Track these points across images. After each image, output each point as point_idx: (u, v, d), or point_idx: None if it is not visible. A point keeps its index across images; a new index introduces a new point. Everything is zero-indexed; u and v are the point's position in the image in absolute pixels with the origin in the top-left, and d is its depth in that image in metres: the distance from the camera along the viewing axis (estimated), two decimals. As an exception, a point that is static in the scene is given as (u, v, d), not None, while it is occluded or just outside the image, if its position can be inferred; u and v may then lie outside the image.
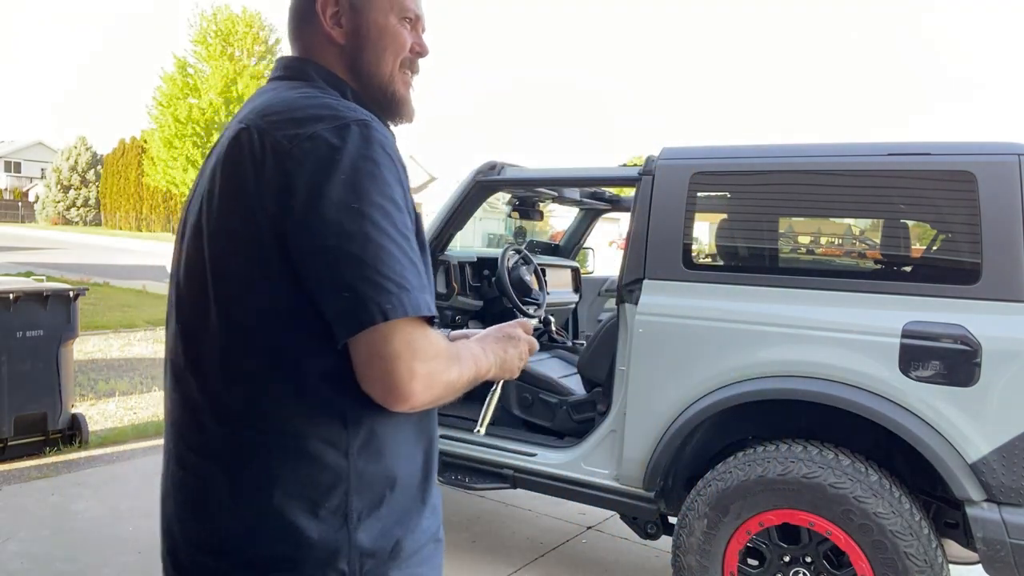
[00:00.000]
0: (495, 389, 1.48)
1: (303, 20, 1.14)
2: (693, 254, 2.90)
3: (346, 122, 0.96)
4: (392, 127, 1.17)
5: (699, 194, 2.91)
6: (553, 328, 4.27)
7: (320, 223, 0.91)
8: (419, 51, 1.18)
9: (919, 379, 2.37)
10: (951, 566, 2.51)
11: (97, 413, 5.94)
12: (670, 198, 2.88)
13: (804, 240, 3.06)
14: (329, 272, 0.91)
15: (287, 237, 0.93)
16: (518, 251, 4.02)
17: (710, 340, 2.71)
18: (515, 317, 2.84)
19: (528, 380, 3.64)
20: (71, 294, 4.88)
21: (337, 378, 0.96)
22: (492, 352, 1.16)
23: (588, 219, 5.14)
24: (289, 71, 1.13)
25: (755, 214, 2.93)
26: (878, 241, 2.83)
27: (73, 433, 5.02)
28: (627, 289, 2.93)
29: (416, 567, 1.05)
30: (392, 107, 1.17)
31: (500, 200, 5.24)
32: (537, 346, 1.31)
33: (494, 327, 1.25)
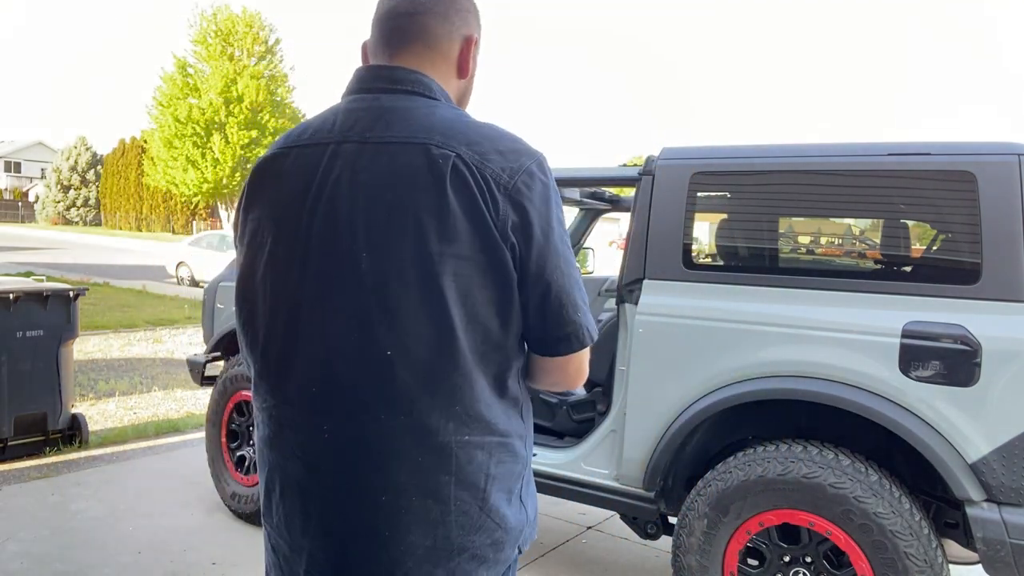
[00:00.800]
0: None
1: (435, 50, 1.20)
2: (693, 254, 2.90)
3: (539, 157, 1.13)
4: None
5: (699, 194, 2.91)
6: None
7: (555, 256, 1.11)
8: None
9: (919, 379, 2.37)
10: (951, 566, 2.51)
11: (97, 413, 5.94)
12: (670, 198, 2.88)
13: (804, 240, 3.06)
14: (557, 303, 1.11)
15: (527, 267, 1.09)
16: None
17: (710, 340, 2.71)
18: None
19: (528, 380, 3.64)
20: (71, 294, 4.88)
21: (520, 378, 1.18)
22: None
23: (588, 219, 5.14)
24: (421, 87, 1.17)
25: (755, 214, 2.93)
26: (878, 241, 2.83)
27: (73, 433, 5.02)
28: (627, 289, 2.93)
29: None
30: None
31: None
32: None
33: None
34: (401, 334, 1.06)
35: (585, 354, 1.19)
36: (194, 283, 17.66)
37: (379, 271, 1.06)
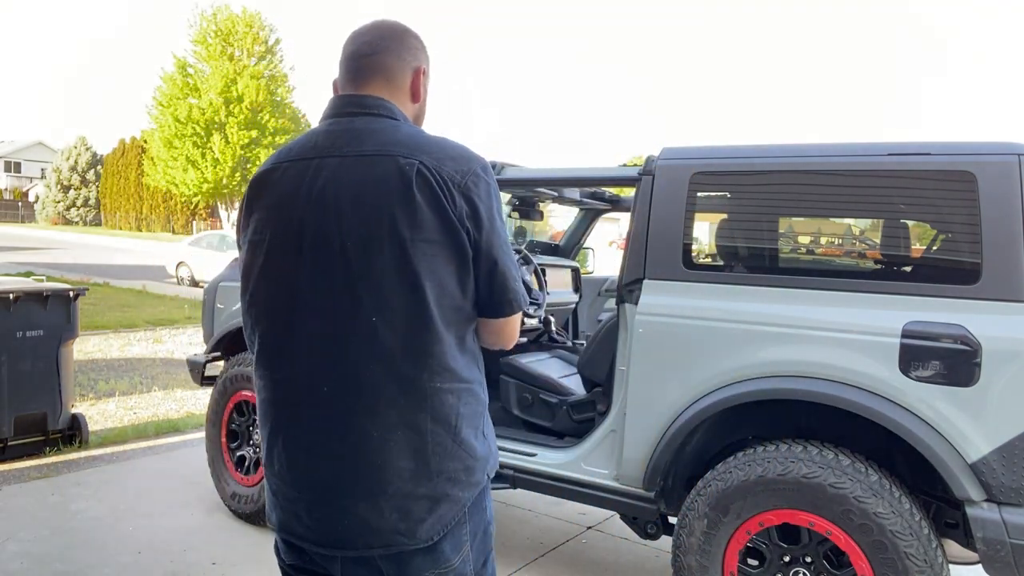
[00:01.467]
0: None
1: (392, 82, 1.49)
2: (693, 254, 2.89)
3: (483, 161, 1.41)
4: None
5: (699, 194, 2.91)
6: (553, 328, 4.27)
7: (498, 239, 1.39)
8: None
9: (919, 379, 2.37)
10: (951, 566, 2.51)
11: (97, 413, 5.94)
12: (670, 198, 2.88)
13: (804, 240, 3.06)
14: (501, 275, 1.40)
15: (478, 247, 1.36)
16: (518, 251, 4.02)
17: (710, 340, 2.71)
18: None
19: (528, 380, 3.64)
20: (71, 294, 4.88)
21: (474, 337, 1.46)
22: None
23: (588, 219, 5.14)
24: (385, 111, 1.45)
25: (755, 214, 2.92)
26: (878, 241, 2.82)
27: (73, 433, 5.02)
28: (627, 289, 2.93)
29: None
30: None
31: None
32: None
33: None
34: (383, 303, 1.32)
35: (517, 317, 1.48)
36: (194, 283, 17.66)
37: (363, 255, 1.32)
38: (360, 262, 1.32)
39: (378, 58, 1.47)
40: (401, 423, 1.34)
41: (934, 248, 2.68)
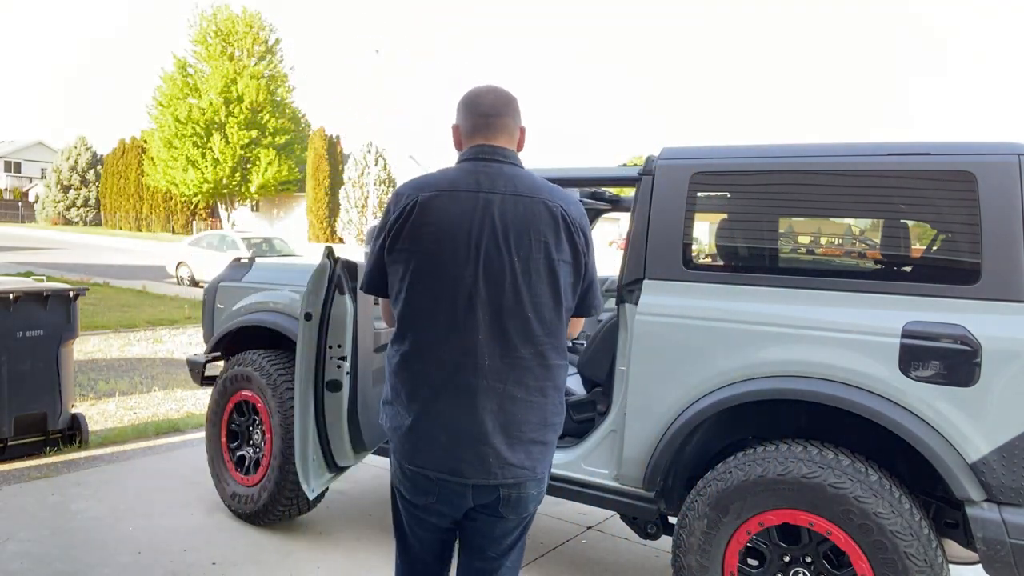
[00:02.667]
0: None
1: (512, 136, 2.00)
2: (693, 254, 2.90)
3: (581, 204, 1.98)
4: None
5: (699, 194, 2.91)
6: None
7: (594, 261, 1.98)
8: None
9: (919, 379, 2.37)
10: (951, 566, 2.51)
11: (97, 413, 5.95)
12: (670, 198, 2.88)
13: (804, 240, 3.06)
14: (594, 288, 1.99)
15: (588, 266, 1.94)
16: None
17: (710, 340, 2.71)
18: None
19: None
20: (71, 294, 4.88)
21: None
22: None
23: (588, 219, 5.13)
24: (516, 160, 1.98)
25: (755, 214, 2.92)
26: (878, 241, 2.83)
27: (73, 433, 5.02)
28: (627, 289, 2.93)
29: None
30: None
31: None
32: None
33: None
34: (536, 302, 1.84)
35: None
36: (194, 283, 17.66)
37: (524, 268, 1.83)
38: (522, 274, 1.82)
39: (503, 120, 1.97)
40: (537, 390, 1.87)
41: (934, 248, 2.68)
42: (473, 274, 1.82)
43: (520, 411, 1.85)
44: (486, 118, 1.96)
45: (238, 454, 3.98)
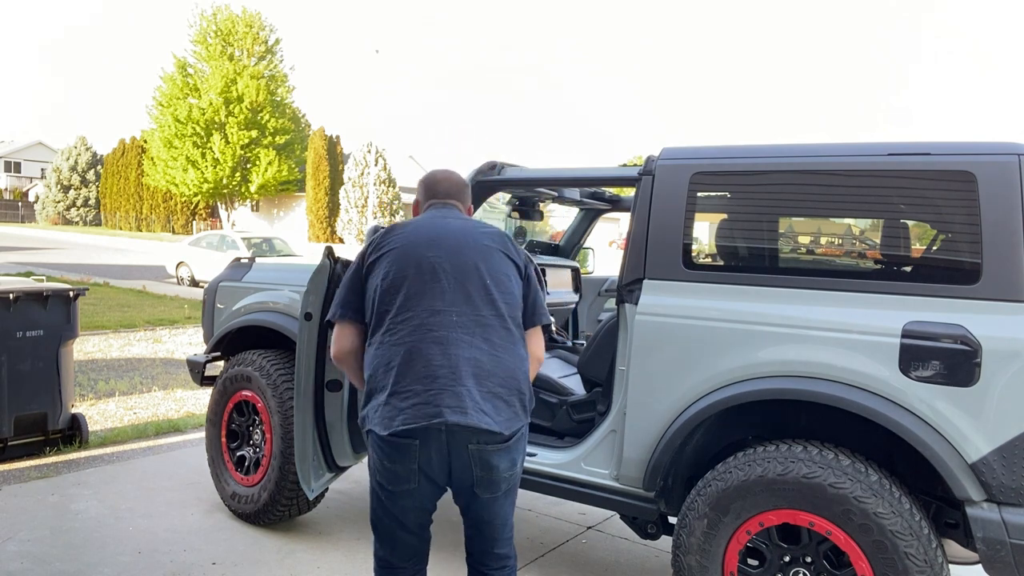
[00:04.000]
0: None
1: (464, 200, 2.52)
2: (693, 254, 2.90)
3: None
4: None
5: (699, 194, 2.91)
6: (553, 328, 4.27)
7: (536, 277, 2.40)
8: None
9: (919, 379, 2.37)
10: (951, 566, 2.51)
11: (97, 413, 5.95)
12: (670, 198, 2.88)
13: (804, 240, 3.06)
14: (539, 299, 2.37)
15: (528, 280, 2.35)
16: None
17: (710, 340, 2.71)
18: None
19: (528, 380, 3.63)
20: (71, 294, 4.88)
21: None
22: None
23: (588, 219, 5.14)
24: (464, 213, 2.49)
25: (755, 214, 2.92)
26: (878, 241, 2.82)
27: (73, 433, 5.02)
28: (627, 289, 2.93)
29: None
30: None
31: (500, 200, 5.23)
32: None
33: None
34: (492, 272, 2.23)
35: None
36: (194, 283, 17.66)
37: (479, 250, 2.25)
38: (478, 251, 2.24)
39: (454, 200, 2.48)
40: (501, 346, 2.17)
41: (934, 248, 2.68)
42: (436, 254, 2.20)
43: (487, 362, 2.11)
44: (444, 197, 2.46)
45: (238, 454, 3.98)
